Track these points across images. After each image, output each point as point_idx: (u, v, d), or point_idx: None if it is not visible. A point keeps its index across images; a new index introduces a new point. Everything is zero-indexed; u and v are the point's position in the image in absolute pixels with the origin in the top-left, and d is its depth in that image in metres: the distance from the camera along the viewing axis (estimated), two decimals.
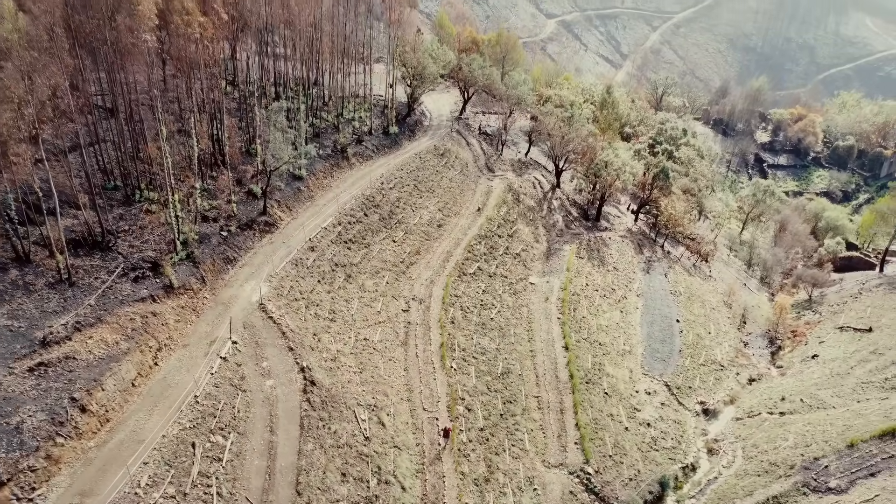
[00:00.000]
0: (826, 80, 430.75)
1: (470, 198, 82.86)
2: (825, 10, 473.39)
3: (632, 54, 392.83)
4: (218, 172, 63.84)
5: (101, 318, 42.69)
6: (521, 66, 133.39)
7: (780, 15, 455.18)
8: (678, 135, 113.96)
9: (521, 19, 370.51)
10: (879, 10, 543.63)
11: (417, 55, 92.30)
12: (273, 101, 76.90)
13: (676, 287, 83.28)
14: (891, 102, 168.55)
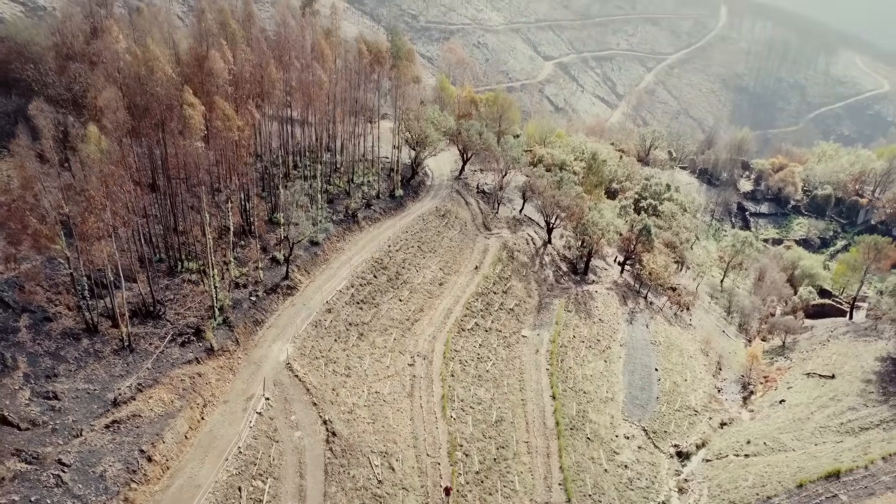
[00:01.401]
0: (817, 118, 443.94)
1: (468, 256, 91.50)
2: (815, 50, 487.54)
3: (627, 94, 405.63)
4: (247, 241, 72.59)
5: (157, 380, 50.97)
6: (516, 124, 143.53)
7: (770, 56, 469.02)
8: (662, 190, 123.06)
9: (520, 62, 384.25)
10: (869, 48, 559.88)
11: (420, 123, 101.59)
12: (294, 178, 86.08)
13: (656, 337, 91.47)
14: (866, 151, 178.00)
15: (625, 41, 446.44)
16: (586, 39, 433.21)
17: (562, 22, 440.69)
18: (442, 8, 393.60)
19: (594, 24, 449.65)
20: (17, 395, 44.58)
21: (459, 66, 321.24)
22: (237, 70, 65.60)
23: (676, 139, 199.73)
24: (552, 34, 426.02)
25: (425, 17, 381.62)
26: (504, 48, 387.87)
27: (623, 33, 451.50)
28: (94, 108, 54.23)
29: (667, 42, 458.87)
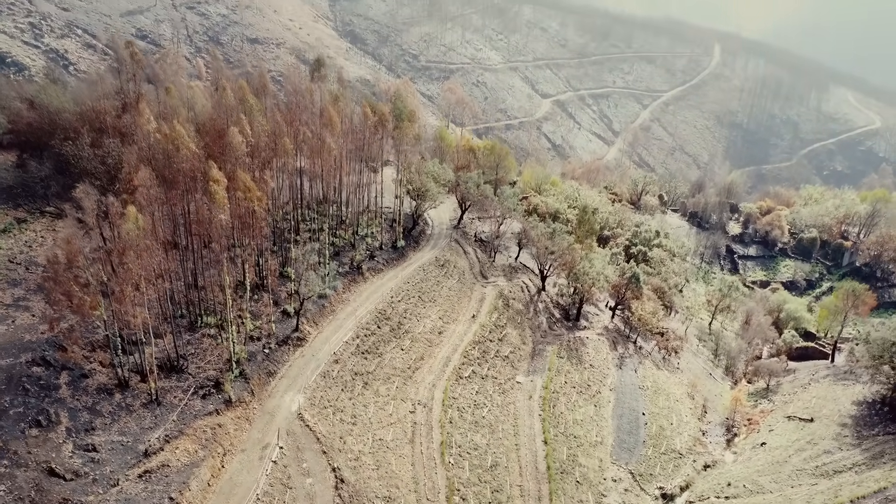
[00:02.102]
0: (810, 154, 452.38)
1: (466, 305, 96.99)
2: (807, 87, 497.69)
3: (623, 131, 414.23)
4: (259, 296, 78.17)
5: (182, 431, 56.17)
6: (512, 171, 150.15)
7: (763, 93, 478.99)
8: (651, 236, 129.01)
9: (518, 100, 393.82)
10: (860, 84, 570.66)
11: (421, 177, 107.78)
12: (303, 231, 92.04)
13: (644, 382, 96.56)
14: (850, 195, 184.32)
15: (621, 79, 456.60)
16: (583, 77, 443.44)
17: (559, 60, 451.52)
18: (442, 48, 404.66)
19: (591, 62, 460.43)
20: (62, 448, 49.78)
21: (459, 105, 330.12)
22: (254, 141, 71.79)
23: (669, 180, 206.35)
24: (550, 72, 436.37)
25: (426, 57, 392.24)
26: (503, 86, 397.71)
27: (619, 71, 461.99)
28: (127, 183, 60.18)
29: (662, 80, 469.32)
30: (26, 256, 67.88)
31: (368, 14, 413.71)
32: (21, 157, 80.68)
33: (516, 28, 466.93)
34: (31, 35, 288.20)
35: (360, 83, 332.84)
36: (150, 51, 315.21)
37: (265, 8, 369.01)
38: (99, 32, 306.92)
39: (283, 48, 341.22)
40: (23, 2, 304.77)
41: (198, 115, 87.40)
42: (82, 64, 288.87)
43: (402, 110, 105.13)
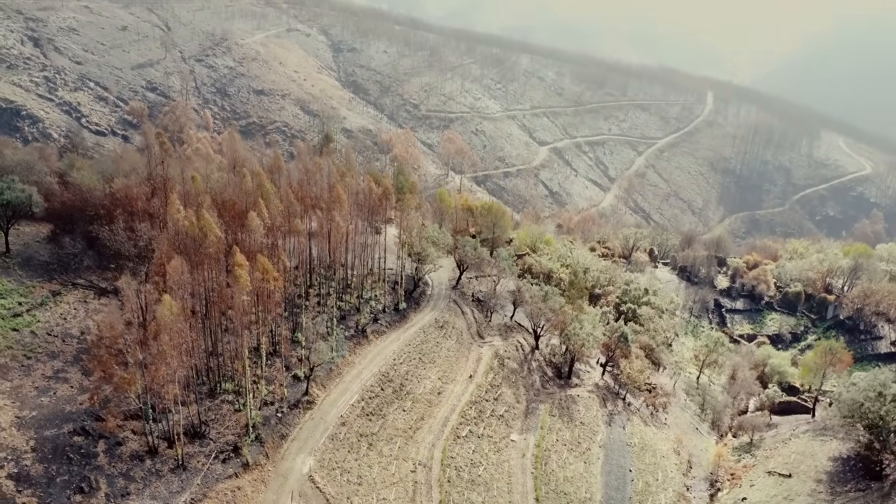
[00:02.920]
0: (802, 199, 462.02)
1: (464, 364, 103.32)
2: (798, 133, 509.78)
3: (619, 178, 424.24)
4: (272, 361, 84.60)
5: (206, 495, 62.15)
6: (509, 229, 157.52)
7: (755, 139, 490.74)
8: (640, 294, 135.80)
9: (516, 148, 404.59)
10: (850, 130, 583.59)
11: (422, 242, 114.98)
12: (311, 296, 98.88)
13: (632, 438, 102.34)
14: (834, 248, 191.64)
15: (616, 126, 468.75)
16: (579, 125, 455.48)
17: (556, 108, 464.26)
18: (442, 97, 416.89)
19: (587, 110, 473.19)
20: None
21: (458, 154, 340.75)
22: (269, 223, 79.04)
23: (661, 233, 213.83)
24: (547, 120, 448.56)
25: (426, 106, 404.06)
26: (501, 134, 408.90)
27: (614, 119, 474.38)
28: (159, 266, 67.13)
29: (656, 127, 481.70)
30: (62, 329, 74.57)
31: (371, 65, 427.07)
32: (55, 231, 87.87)
33: (514, 77, 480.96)
34: (45, 88, 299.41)
35: (362, 133, 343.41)
36: (159, 102, 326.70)
37: (271, 60, 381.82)
38: (111, 85, 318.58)
39: (288, 99, 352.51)
40: (38, 56, 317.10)
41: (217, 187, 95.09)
42: (94, 116, 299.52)
43: (403, 183, 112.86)
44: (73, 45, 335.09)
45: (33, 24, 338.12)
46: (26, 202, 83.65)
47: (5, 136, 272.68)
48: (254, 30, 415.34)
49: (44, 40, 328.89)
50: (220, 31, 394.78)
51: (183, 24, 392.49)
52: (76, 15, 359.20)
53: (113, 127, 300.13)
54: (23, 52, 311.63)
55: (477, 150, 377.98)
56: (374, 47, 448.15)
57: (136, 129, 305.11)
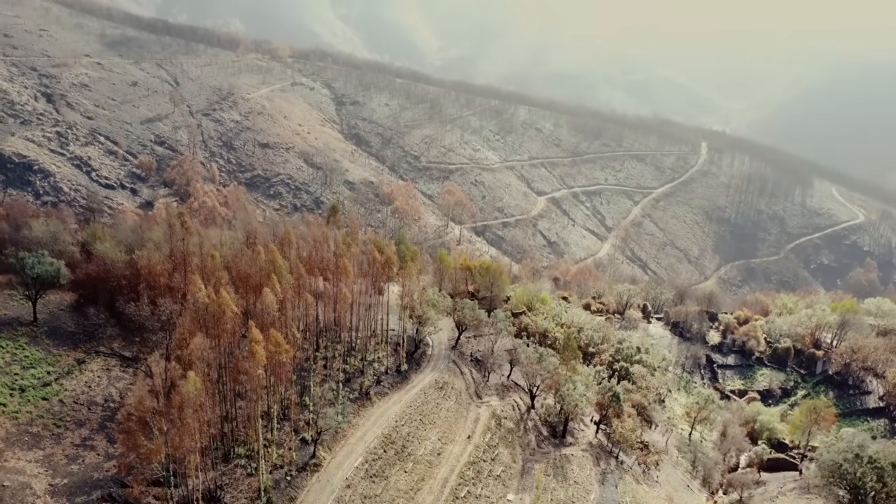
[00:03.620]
0: (797, 248, 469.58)
1: (462, 425, 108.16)
2: (791, 183, 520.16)
3: (616, 227, 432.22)
4: (281, 425, 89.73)
5: None
6: (507, 287, 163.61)
7: (749, 189, 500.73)
8: (632, 353, 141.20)
9: (514, 198, 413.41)
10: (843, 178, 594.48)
11: (423, 306, 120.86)
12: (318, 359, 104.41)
13: (624, 497, 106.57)
14: (823, 302, 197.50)
15: (612, 176, 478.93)
16: (576, 175, 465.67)
17: (553, 159, 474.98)
18: (442, 149, 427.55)
19: (583, 160, 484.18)
20: None
21: (458, 206, 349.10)
22: (282, 297, 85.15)
23: (655, 287, 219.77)
24: (544, 171, 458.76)
25: (426, 158, 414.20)
26: (500, 185, 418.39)
27: (611, 169, 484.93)
28: (180, 340, 72.91)
29: (652, 177, 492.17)
30: (87, 397, 80.00)
31: (373, 118, 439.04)
32: (79, 301, 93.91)
33: (512, 129, 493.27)
34: (57, 143, 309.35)
35: (364, 185, 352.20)
36: (167, 156, 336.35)
37: (276, 114, 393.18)
38: (120, 139, 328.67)
39: (292, 152, 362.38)
40: (51, 112, 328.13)
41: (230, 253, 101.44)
42: (104, 170, 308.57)
43: (405, 252, 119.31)
44: (85, 101, 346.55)
45: (47, 80, 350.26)
46: (55, 275, 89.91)
47: (18, 189, 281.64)
48: (259, 84, 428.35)
49: (57, 96, 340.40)
50: (227, 85, 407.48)
51: (191, 80, 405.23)
52: (88, 71, 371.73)
53: (122, 180, 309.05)
54: (36, 108, 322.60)
55: (476, 201, 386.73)
56: (376, 100, 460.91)
57: (145, 183, 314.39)
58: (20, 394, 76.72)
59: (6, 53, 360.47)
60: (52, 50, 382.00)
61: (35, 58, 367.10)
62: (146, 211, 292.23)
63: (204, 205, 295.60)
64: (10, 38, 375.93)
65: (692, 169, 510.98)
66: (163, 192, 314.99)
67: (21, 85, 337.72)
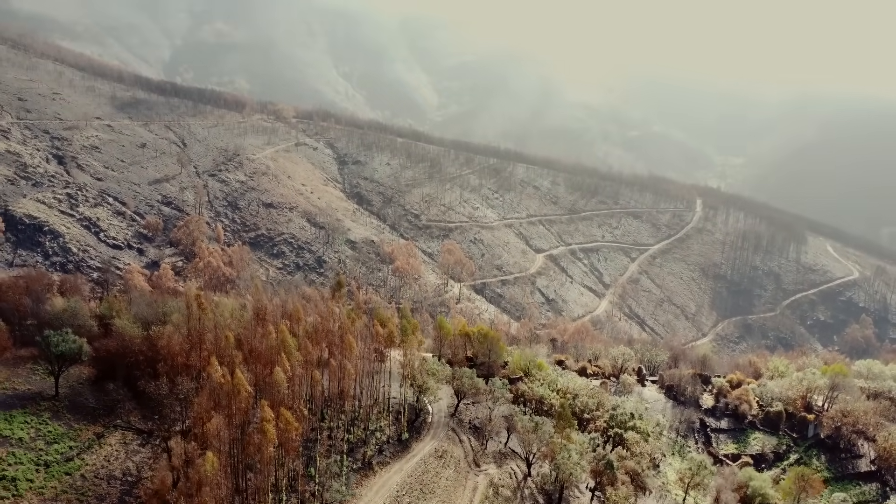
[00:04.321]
0: (793, 304, 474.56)
1: (461, 494, 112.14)
2: (785, 239, 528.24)
3: (613, 284, 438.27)
4: (289, 497, 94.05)
5: None
6: (504, 353, 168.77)
7: (745, 245, 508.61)
8: (626, 419, 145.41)
9: (513, 256, 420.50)
10: (837, 234, 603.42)
11: (423, 375, 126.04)
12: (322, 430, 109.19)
13: None
14: (814, 363, 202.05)
15: (609, 233, 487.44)
16: (574, 233, 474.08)
17: (551, 217, 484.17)
18: (442, 207, 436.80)
19: (581, 218, 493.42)
20: None
21: (457, 265, 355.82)
22: (291, 374, 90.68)
23: (650, 349, 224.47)
24: (542, 228, 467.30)
25: (426, 216, 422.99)
26: (498, 243, 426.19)
27: (608, 226, 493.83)
28: (197, 419, 78.12)
29: (648, 234, 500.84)
30: (107, 471, 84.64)
31: (374, 177, 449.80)
32: (98, 376, 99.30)
33: (511, 187, 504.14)
34: (67, 205, 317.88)
35: (365, 244, 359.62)
36: (174, 216, 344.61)
37: (280, 174, 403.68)
38: (128, 200, 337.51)
39: (295, 212, 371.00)
40: (62, 174, 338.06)
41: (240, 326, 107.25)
42: (112, 231, 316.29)
43: (406, 326, 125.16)
44: (95, 163, 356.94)
45: (59, 142, 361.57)
46: (77, 352, 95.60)
47: (27, 250, 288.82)
48: (264, 145, 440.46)
49: (68, 158, 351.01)
50: (233, 146, 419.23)
51: (198, 141, 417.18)
52: (99, 133, 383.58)
53: (129, 240, 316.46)
54: (48, 170, 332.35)
55: (475, 259, 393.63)
56: (378, 160, 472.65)
57: (151, 243, 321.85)
58: (45, 469, 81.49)
59: (20, 117, 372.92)
60: (65, 113, 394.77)
61: (48, 121, 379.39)
62: (152, 271, 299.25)
63: (209, 265, 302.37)
64: (25, 102, 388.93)
65: (688, 226, 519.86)
66: (168, 251, 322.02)
67: (34, 147, 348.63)
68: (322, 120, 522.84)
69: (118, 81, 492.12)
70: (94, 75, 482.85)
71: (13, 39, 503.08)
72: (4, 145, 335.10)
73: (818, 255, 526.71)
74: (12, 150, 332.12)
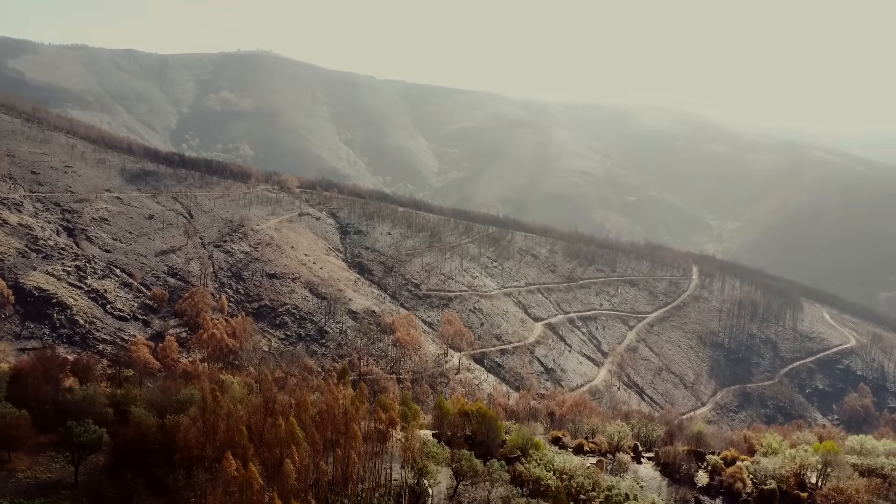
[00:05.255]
0: (791, 372, 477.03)
1: None
2: (781, 306, 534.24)
3: (611, 353, 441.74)
4: None
5: None
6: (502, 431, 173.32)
7: (741, 313, 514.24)
8: (622, 500, 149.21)
9: (512, 325, 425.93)
10: (833, 300, 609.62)
11: (423, 460, 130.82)
12: None
13: None
14: (806, 439, 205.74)
15: (607, 301, 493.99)
16: (572, 301, 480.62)
17: (549, 285, 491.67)
18: (442, 276, 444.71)
19: (578, 286, 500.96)
20: None
21: (457, 336, 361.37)
22: (300, 464, 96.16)
23: (646, 424, 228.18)
24: (541, 296, 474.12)
25: (426, 286, 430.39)
26: (498, 312, 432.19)
27: (605, 294, 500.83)
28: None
29: (645, 301, 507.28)
30: None
31: (375, 246, 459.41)
32: (115, 464, 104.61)
33: (510, 255, 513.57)
34: (75, 277, 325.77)
35: (366, 314, 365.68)
36: (179, 287, 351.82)
37: (283, 245, 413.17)
38: (135, 272, 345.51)
39: (298, 282, 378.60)
40: (71, 246, 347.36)
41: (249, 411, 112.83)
42: (118, 303, 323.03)
43: (408, 412, 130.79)
44: (104, 235, 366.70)
45: (69, 215, 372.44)
46: (98, 442, 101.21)
47: (35, 322, 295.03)
48: (268, 215, 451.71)
49: (77, 230, 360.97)
50: (238, 217, 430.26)
51: (204, 212, 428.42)
52: (108, 206, 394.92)
53: (135, 312, 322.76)
54: (58, 243, 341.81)
55: (475, 328, 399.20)
56: (379, 229, 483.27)
57: (156, 314, 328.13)
58: None
59: (33, 190, 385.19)
60: (76, 185, 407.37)
61: (59, 193, 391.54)
62: (157, 343, 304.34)
63: (212, 336, 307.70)
64: (38, 175, 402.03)
65: (684, 294, 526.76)
66: (173, 322, 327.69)
67: (45, 220, 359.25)
68: (325, 189, 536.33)
69: (128, 153, 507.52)
70: (105, 147, 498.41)
71: (28, 113, 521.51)
72: (17, 218, 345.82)
73: (814, 323, 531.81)
74: (24, 223, 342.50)
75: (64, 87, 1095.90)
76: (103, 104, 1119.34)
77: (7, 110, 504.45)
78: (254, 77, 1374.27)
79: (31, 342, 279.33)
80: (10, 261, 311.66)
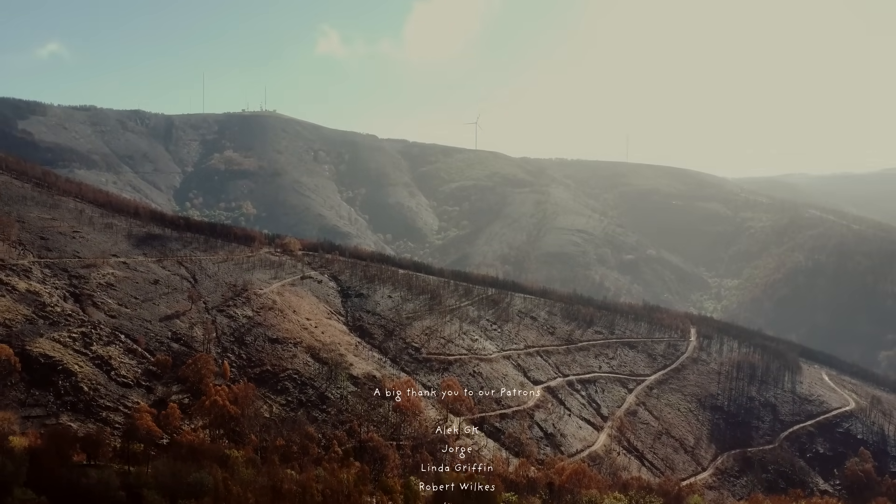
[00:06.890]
0: (791, 436, 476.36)
1: None
2: (780, 368, 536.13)
3: (611, 416, 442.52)
4: None
5: None
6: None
7: (739, 375, 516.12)
8: None
9: (511, 388, 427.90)
10: (832, 361, 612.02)
11: None
12: None
13: None
14: None
15: (606, 364, 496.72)
16: (571, 363, 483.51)
17: (548, 347, 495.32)
18: (442, 340, 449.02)
19: (577, 348, 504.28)
20: None
21: (457, 401, 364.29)
22: None
23: (644, 496, 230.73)
24: (540, 359, 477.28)
25: (426, 350, 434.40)
26: (497, 375, 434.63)
27: (604, 357, 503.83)
28: None
29: (644, 364, 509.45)
30: None
31: (376, 310, 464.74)
32: None
33: (509, 317, 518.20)
34: (81, 343, 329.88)
35: (366, 379, 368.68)
36: (182, 352, 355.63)
37: (286, 308, 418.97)
38: (140, 337, 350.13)
39: (299, 347, 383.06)
40: (78, 312, 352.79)
41: None
42: (122, 369, 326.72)
43: (409, 496, 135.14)
44: (110, 300, 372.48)
45: (76, 280, 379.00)
46: None
47: (40, 390, 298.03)
48: (271, 279, 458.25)
49: (84, 296, 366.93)
50: (242, 281, 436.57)
51: (208, 276, 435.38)
52: (115, 271, 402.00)
53: (138, 378, 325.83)
54: (64, 309, 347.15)
55: (474, 392, 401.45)
56: (380, 292, 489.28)
57: (159, 380, 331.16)
58: None
59: (41, 255, 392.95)
60: (83, 251, 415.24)
61: (67, 259, 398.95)
62: (160, 410, 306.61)
63: (215, 403, 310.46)
64: (46, 241, 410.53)
65: (683, 356, 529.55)
66: (176, 388, 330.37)
67: (52, 286, 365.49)
68: (327, 252, 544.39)
69: (134, 216, 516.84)
70: (112, 211, 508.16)
71: (38, 178, 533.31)
72: (25, 285, 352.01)
73: (813, 385, 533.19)
74: (33, 290, 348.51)
75: (71, 148, 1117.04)
76: (109, 164, 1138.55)
77: (18, 175, 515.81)
78: (257, 137, 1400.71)
79: (35, 409, 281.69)
80: (18, 328, 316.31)
